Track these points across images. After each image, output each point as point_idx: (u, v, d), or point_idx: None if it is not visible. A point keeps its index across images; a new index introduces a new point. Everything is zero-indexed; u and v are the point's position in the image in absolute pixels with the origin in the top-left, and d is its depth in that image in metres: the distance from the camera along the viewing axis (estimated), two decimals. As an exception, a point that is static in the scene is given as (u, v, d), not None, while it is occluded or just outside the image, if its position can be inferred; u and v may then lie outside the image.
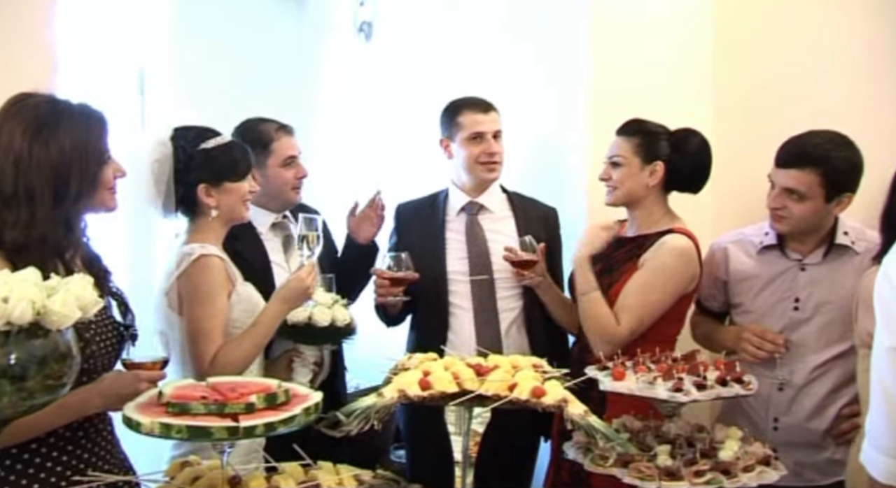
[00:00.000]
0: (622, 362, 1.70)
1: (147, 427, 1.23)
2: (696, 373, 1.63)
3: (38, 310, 1.05)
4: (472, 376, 1.47)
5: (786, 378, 1.98)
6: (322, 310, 1.92)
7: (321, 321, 1.91)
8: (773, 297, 2.01)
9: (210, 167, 1.81)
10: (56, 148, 1.41)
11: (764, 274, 2.02)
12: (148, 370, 1.46)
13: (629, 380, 1.61)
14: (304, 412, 1.32)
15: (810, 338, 1.97)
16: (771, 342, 1.95)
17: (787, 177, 1.90)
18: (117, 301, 1.58)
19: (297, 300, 1.84)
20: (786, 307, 2.00)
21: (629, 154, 2.03)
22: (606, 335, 1.94)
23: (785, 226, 1.95)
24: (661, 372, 1.62)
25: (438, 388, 1.43)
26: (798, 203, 1.90)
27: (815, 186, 1.87)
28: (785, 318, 2.00)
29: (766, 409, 2.00)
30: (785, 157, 1.92)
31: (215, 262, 1.78)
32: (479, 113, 2.25)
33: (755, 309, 2.04)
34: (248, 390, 1.35)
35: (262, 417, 1.28)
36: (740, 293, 2.07)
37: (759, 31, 2.45)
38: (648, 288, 1.96)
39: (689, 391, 1.57)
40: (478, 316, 2.22)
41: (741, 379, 1.64)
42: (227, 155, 1.84)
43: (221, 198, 1.83)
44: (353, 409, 1.42)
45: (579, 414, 1.35)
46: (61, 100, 1.48)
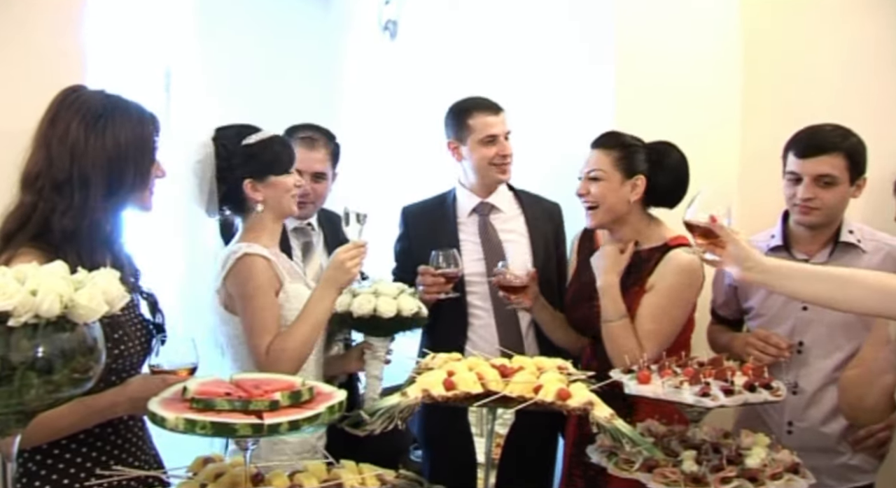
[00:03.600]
0: (647, 366, 1.67)
1: (171, 422, 1.22)
2: (723, 378, 1.60)
3: (65, 303, 1.05)
4: (496, 377, 1.46)
5: (792, 382, 1.96)
6: (387, 300, 1.88)
7: (386, 312, 1.87)
8: (780, 299, 1.99)
9: (253, 162, 1.82)
10: (112, 139, 1.43)
11: None
12: (176, 376, 1.45)
13: (655, 385, 1.59)
14: (327, 410, 1.31)
15: (821, 339, 1.96)
16: (774, 346, 1.94)
17: (819, 165, 1.91)
18: (148, 301, 1.59)
19: (339, 280, 1.79)
20: (794, 308, 1.99)
21: (609, 168, 1.99)
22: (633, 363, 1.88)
23: (816, 216, 1.94)
24: (687, 376, 1.60)
25: (463, 389, 1.42)
26: (828, 190, 1.92)
27: (843, 169, 1.91)
28: (794, 320, 1.99)
29: (780, 414, 2.00)
30: (809, 147, 1.93)
31: (259, 262, 1.77)
32: (490, 115, 2.24)
33: (765, 312, 2.04)
34: (272, 387, 1.35)
35: (286, 415, 1.27)
36: (750, 298, 2.08)
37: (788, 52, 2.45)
38: (665, 312, 1.93)
39: (717, 396, 1.54)
40: (498, 316, 2.22)
41: (769, 384, 1.61)
42: (269, 149, 1.84)
43: (268, 193, 1.83)
44: (377, 408, 1.42)
45: (605, 418, 1.34)
46: (115, 95, 1.50)
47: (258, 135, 1.85)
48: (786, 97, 2.43)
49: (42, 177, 1.40)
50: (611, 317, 1.93)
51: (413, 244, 2.29)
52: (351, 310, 1.87)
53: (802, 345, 1.98)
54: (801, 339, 1.98)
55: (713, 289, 2.16)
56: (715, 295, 2.17)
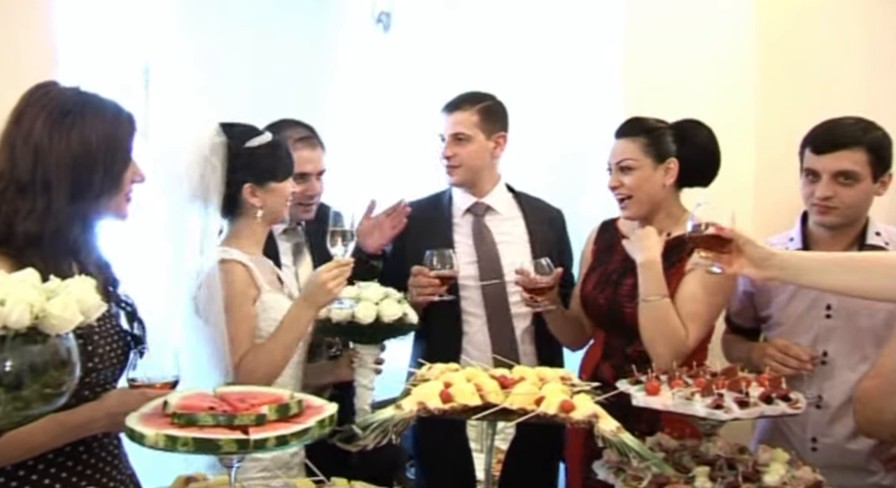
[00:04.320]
0: (656, 376, 1.67)
1: (151, 439, 1.22)
2: (737, 389, 1.60)
3: (36, 313, 1.04)
4: (496, 388, 1.45)
5: (815, 395, 1.93)
6: (367, 305, 1.88)
7: (365, 318, 1.87)
8: (801, 306, 1.97)
9: (256, 166, 1.83)
10: (79, 139, 1.41)
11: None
12: (157, 390, 1.44)
13: (664, 396, 1.58)
14: (317, 424, 1.31)
15: (846, 349, 1.93)
16: (795, 357, 1.90)
17: (837, 160, 1.88)
18: (126, 311, 1.58)
19: (318, 298, 1.79)
20: (816, 316, 1.96)
21: (639, 155, 2.01)
22: (675, 345, 1.90)
23: (835, 216, 1.92)
24: (699, 387, 1.59)
25: (460, 401, 1.42)
26: (848, 188, 1.89)
27: (864, 165, 1.88)
28: (816, 328, 1.96)
29: (803, 429, 1.96)
30: (826, 141, 1.91)
31: (236, 268, 1.78)
32: (444, 112, 2.27)
33: (784, 320, 2.01)
34: (258, 401, 1.34)
35: (273, 430, 1.26)
36: (768, 305, 2.05)
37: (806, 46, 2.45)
38: (708, 294, 1.93)
39: (730, 408, 1.53)
40: (491, 323, 2.22)
41: (788, 396, 1.60)
42: (272, 154, 1.86)
43: (267, 199, 1.84)
44: (370, 422, 1.41)
45: (611, 431, 1.33)
46: (89, 92, 1.48)
47: (261, 138, 1.86)
48: (803, 93, 2.42)
49: (5, 179, 1.39)
50: (652, 295, 1.91)
51: (406, 243, 2.30)
52: (330, 315, 1.88)
53: (826, 355, 1.94)
54: (824, 349, 1.94)
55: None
56: (730, 302, 2.13)
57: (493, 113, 2.29)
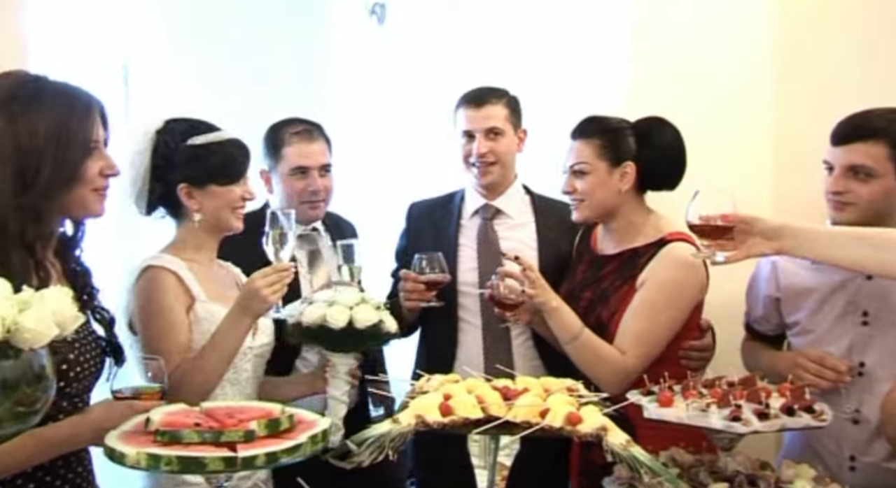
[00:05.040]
0: (669, 386, 1.67)
1: (132, 458, 1.22)
2: (756, 400, 1.59)
3: (8, 326, 1.04)
4: (498, 400, 1.46)
5: (853, 410, 1.88)
6: (340, 309, 1.84)
7: (336, 322, 1.83)
8: (834, 312, 1.92)
9: (194, 165, 1.79)
10: (25, 128, 1.39)
11: (822, 286, 1.93)
12: (144, 402, 1.44)
13: (678, 407, 1.58)
14: (310, 440, 1.31)
15: (886, 359, 1.87)
16: (832, 369, 1.85)
17: (851, 153, 1.84)
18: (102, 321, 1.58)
19: (253, 309, 1.73)
20: (852, 322, 1.90)
21: (593, 159, 2.00)
22: (614, 373, 1.91)
23: (849, 213, 1.85)
24: (715, 397, 1.59)
25: (461, 414, 1.43)
26: (864, 183, 1.83)
27: (883, 160, 1.81)
28: (852, 335, 1.90)
29: (839, 446, 1.91)
30: (844, 133, 1.86)
31: (163, 276, 1.75)
32: (471, 108, 2.24)
33: (814, 327, 1.95)
34: (247, 416, 1.35)
35: (262, 446, 1.27)
36: (796, 310, 1.99)
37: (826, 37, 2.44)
38: (656, 308, 1.93)
39: (749, 420, 1.52)
40: (486, 333, 2.22)
41: (811, 407, 1.59)
42: (216, 154, 1.80)
43: (205, 202, 1.80)
44: (366, 437, 1.42)
45: (621, 445, 1.33)
46: (53, 81, 1.47)
47: (208, 135, 1.81)
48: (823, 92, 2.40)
49: None
50: (569, 337, 1.94)
51: (412, 243, 2.30)
52: (301, 319, 1.85)
53: (864, 366, 1.88)
54: (861, 360, 1.88)
55: (748, 301, 2.12)
56: (750, 307, 2.11)
57: (516, 105, 2.28)
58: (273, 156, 2.25)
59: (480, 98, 2.25)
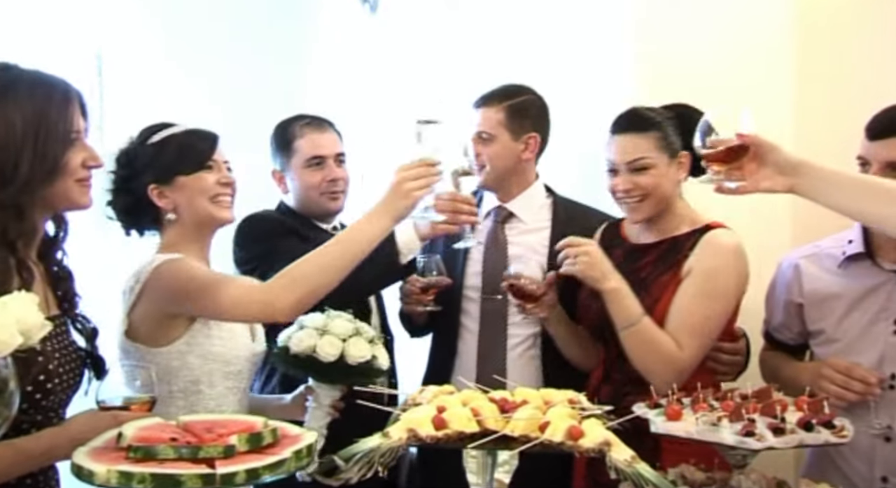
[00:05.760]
0: (678, 398, 1.67)
1: (102, 477, 1.21)
2: (771, 414, 1.59)
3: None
4: (495, 413, 1.46)
5: (885, 425, 1.87)
6: (332, 341, 1.82)
7: (326, 355, 1.81)
8: (863, 320, 1.92)
9: (156, 163, 1.79)
10: (2, 121, 1.41)
11: (850, 291, 1.94)
12: (131, 413, 1.44)
13: (687, 421, 1.58)
14: (294, 456, 1.32)
15: None
16: (860, 380, 1.85)
17: (888, 148, 1.84)
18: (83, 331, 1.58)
19: (395, 207, 1.68)
20: (882, 331, 1.90)
21: (653, 152, 2.01)
22: (670, 365, 1.91)
23: None
24: (727, 411, 1.59)
25: (455, 427, 1.43)
26: None
27: None
28: (882, 345, 1.89)
29: (869, 466, 1.90)
30: (883, 127, 1.87)
31: (188, 261, 1.75)
32: (471, 109, 2.27)
33: (841, 336, 1.95)
34: (227, 430, 1.35)
35: (243, 462, 1.27)
36: (820, 318, 1.99)
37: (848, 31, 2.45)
38: (708, 298, 1.95)
39: (763, 436, 1.52)
40: (482, 342, 2.23)
41: (831, 422, 1.59)
42: (174, 144, 1.80)
43: (177, 198, 1.79)
44: (354, 453, 1.42)
45: (625, 461, 1.34)
46: (25, 69, 1.48)
47: (166, 131, 1.82)
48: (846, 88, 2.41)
49: None
50: (628, 322, 1.94)
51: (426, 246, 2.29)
52: (289, 345, 1.83)
53: (895, 378, 1.89)
54: (893, 372, 1.88)
55: (767, 307, 2.12)
56: (769, 314, 2.11)
57: (521, 111, 2.27)
58: (285, 152, 2.29)
59: (480, 100, 2.28)
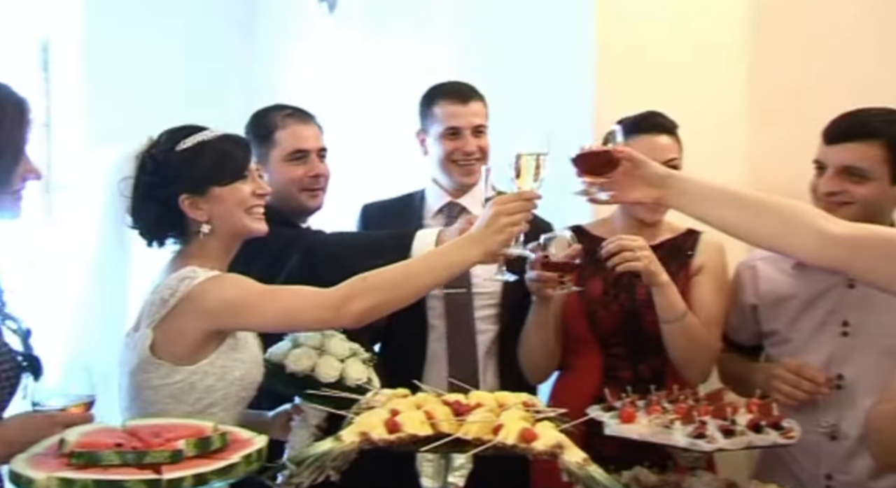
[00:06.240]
0: (632, 401, 1.69)
1: (41, 484, 1.19)
2: (722, 417, 1.62)
3: None
4: (448, 416, 1.46)
5: (831, 424, 1.91)
6: (330, 362, 1.80)
7: (326, 376, 1.79)
8: (814, 321, 1.96)
9: (189, 172, 1.69)
10: None
11: (803, 293, 1.98)
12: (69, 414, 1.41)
13: (640, 424, 1.60)
14: (243, 460, 1.30)
15: (867, 371, 1.89)
16: (809, 380, 1.88)
17: (846, 153, 1.87)
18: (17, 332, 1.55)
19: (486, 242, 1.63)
20: (831, 332, 1.94)
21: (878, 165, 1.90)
22: (710, 355, 2.04)
23: (845, 214, 1.81)
24: (679, 413, 1.61)
25: (409, 431, 1.42)
26: (859, 185, 1.87)
27: (878, 162, 1.85)
28: (831, 346, 1.94)
29: (815, 464, 1.93)
30: (839, 131, 1.90)
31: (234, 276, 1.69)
32: (457, 103, 2.26)
33: (794, 337, 1.99)
34: (175, 435, 1.34)
35: (191, 467, 1.26)
36: (774, 319, 2.03)
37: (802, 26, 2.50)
38: (721, 293, 2.07)
39: (714, 438, 1.55)
40: (451, 339, 2.23)
41: (779, 424, 1.63)
42: (209, 153, 1.70)
43: (213, 209, 1.70)
44: (305, 456, 1.41)
45: (577, 463, 1.35)
46: None
47: (197, 136, 1.71)
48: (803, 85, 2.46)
49: None
50: (677, 315, 1.97)
51: None
52: (285, 362, 1.80)
53: (843, 378, 1.91)
54: (840, 372, 1.92)
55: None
56: (727, 315, 2.13)
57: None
58: (263, 142, 2.22)
59: (466, 93, 2.27)
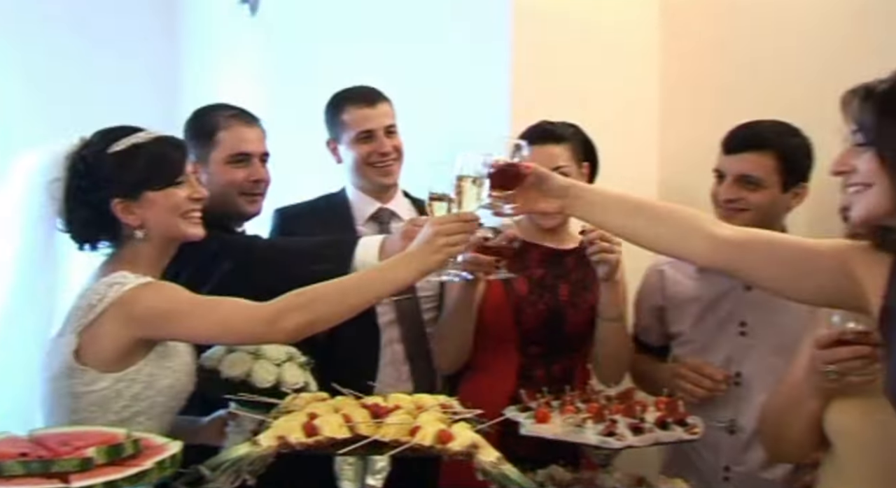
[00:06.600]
0: (547, 401, 1.74)
1: (-60, 498, 1.16)
2: (632, 415, 1.68)
3: None
4: (366, 419, 1.48)
5: (729, 419, 2.02)
6: (266, 366, 1.78)
7: (262, 381, 1.76)
8: (715, 322, 2.07)
9: (122, 176, 1.64)
10: None
11: (705, 295, 2.08)
12: None
13: (554, 423, 1.64)
14: (156, 466, 1.29)
15: (762, 369, 2.01)
16: (709, 377, 1.99)
17: (742, 162, 1.99)
18: None
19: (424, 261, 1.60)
20: (731, 332, 2.05)
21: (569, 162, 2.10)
22: (630, 358, 2.13)
23: (741, 220, 1.92)
24: (591, 412, 1.67)
25: (327, 434, 1.43)
26: (754, 192, 1.99)
27: (771, 172, 1.98)
28: (730, 346, 2.05)
29: (715, 457, 2.04)
30: (736, 142, 2.02)
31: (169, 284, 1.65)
32: (365, 107, 2.27)
33: (697, 337, 2.09)
34: (84, 442, 1.31)
35: (101, 475, 1.23)
36: (679, 320, 2.13)
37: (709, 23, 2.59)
38: (625, 300, 2.12)
39: (623, 435, 1.61)
40: (408, 345, 2.24)
41: (684, 421, 1.70)
42: (143, 156, 1.65)
43: (146, 214, 1.66)
44: (221, 461, 1.40)
45: (491, 463, 1.38)
46: None
47: (131, 138, 1.66)
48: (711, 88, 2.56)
49: None
50: (618, 313, 2.05)
51: None
52: (220, 368, 1.78)
53: (740, 376, 2.02)
54: (738, 370, 2.02)
55: (635, 312, 2.23)
56: (637, 317, 2.22)
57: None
58: (204, 142, 2.16)
59: (373, 96, 2.28)
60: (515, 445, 1.65)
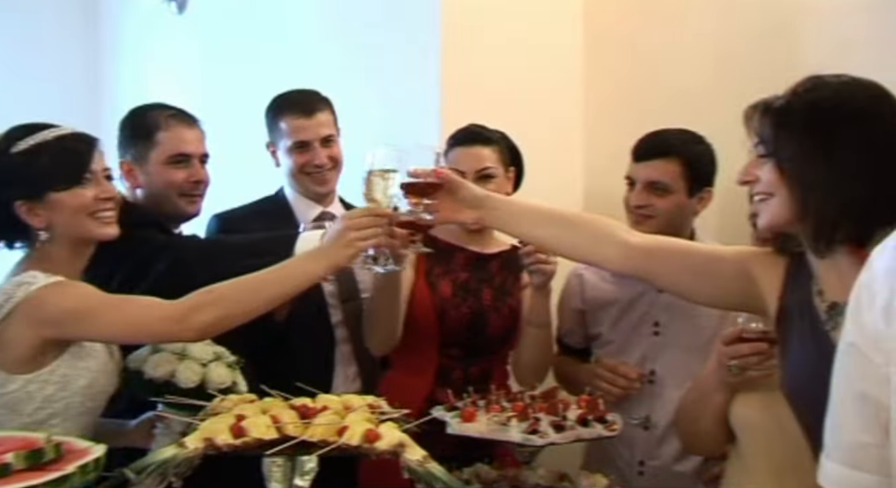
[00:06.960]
0: (473, 401, 1.78)
1: None
2: (555, 413, 1.72)
3: None
4: (294, 420, 1.49)
5: (644, 416, 2.11)
6: (191, 366, 1.77)
7: (186, 381, 1.74)
8: (631, 323, 2.17)
9: (25, 176, 1.60)
10: None
11: (622, 298, 2.18)
12: None
13: (480, 422, 1.68)
14: (79, 471, 1.28)
15: (674, 367, 2.11)
16: (623, 376, 2.09)
17: (650, 169, 2.10)
18: None
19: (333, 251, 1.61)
20: (645, 333, 2.15)
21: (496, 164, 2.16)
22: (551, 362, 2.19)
23: (651, 225, 2.07)
24: (516, 411, 1.71)
25: (254, 435, 1.44)
26: (662, 198, 2.10)
27: (678, 177, 2.09)
28: (644, 345, 2.15)
29: (630, 452, 2.14)
30: (644, 150, 2.13)
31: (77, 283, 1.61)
32: (301, 117, 2.26)
33: (614, 338, 2.19)
34: (3, 448, 1.29)
35: (21, 481, 1.23)
36: (598, 322, 2.22)
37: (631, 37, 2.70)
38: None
39: (546, 433, 1.65)
40: (355, 346, 2.26)
41: (604, 418, 1.76)
42: (45, 155, 1.62)
43: (51, 215, 1.62)
44: (147, 464, 1.40)
45: (417, 461, 1.41)
46: None
47: (35, 136, 1.63)
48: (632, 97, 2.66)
49: None
50: (545, 320, 2.12)
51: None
52: (143, 368, 1.76)
53: (654, 373, 2.12)
54: (652, 368, 2.13)
55: (558, 315, 2.29)
56: (560, 320, 2.29)
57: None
58: (141, 142, 2.13)
59: (310, 105, 2.27)
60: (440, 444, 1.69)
